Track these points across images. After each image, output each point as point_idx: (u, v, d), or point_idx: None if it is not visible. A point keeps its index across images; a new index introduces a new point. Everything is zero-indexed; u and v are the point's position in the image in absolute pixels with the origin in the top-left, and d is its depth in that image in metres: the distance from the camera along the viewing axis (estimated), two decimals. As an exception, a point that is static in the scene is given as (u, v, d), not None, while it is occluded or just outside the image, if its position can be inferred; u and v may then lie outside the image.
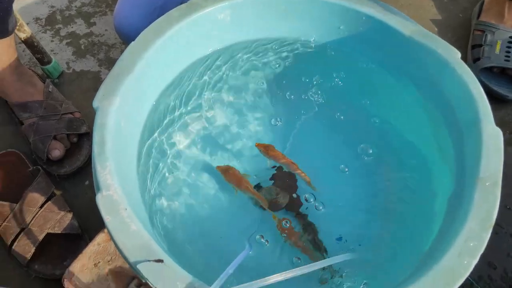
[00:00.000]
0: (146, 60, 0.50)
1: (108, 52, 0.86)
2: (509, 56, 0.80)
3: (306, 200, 0.60)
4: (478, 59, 0.82)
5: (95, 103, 0.45)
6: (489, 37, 0.83)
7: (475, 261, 0.40)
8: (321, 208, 0.59)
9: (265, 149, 0.59)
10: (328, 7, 0.57)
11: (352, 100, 0.64)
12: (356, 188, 0.61)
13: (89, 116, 0.75)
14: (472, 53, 0.84)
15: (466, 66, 0.50)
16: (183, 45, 0.55)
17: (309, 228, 0.58)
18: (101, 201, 0.40)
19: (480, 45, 0.83)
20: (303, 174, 0.58)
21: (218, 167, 0.59)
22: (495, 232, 0.70)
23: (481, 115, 0.47)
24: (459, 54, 0.51)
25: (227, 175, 0.58)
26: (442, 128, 0.53)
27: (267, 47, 0.62)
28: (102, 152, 0.42)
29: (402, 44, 0.54)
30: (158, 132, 0.56)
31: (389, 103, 0.61)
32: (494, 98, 0.81)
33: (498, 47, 0.81)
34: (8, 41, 0.64)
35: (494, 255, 0.68)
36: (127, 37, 0.72)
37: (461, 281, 0.38)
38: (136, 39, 0.51)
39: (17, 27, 0.69)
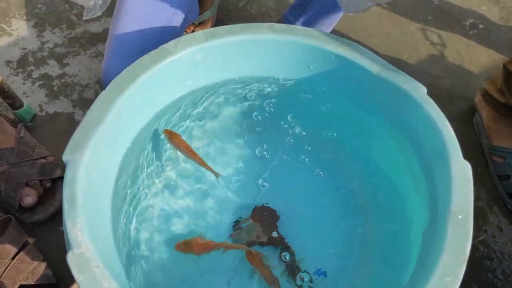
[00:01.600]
0: (117, 109, 0.50)
1: (82, 92, 0.85)
2: None
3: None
4: None
5: (65, 157, 0.45)
6: None
7: (452, 297, 0.40)
8: (300, 242, 0.59)
9: (170, 136, 0.58)
10: (298, 47, 0.58)
11: (327, 134, 0.65)
12: (334, 221, 0.62)
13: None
14: (503, 185, 0.78)
15: (432, 101, 0.52)
16: (155, 90, 0.55)
17: (291, 265, 0.58)
18: (72, 259, 0.39)
19: (508, 176, 0.78)
20: (209, 169, 0.59)
21: (176, 246, 0.56)
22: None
23: (449, 150, 0.48)
24: (425, 90, 0.53)
25: (191, 248, 0.56)
26: (413, 161, 0.54)
27: (238, 88, 0.62)
28: (72, 208, 0.41)
29: (371, 81, 0.56)
30: (131, 180, 0.55)
31: (363, 135, 0.62)
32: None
33: None
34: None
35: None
36: None
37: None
38: (107, 88, 0.51)
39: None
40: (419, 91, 0.53)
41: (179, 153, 0.62)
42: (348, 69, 0.57)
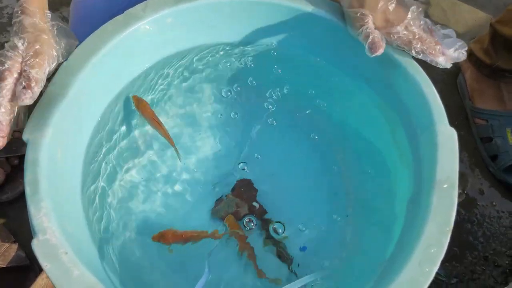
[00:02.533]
0: (81, 81, 0.46)
1: (47, 61, 0.79)
2: None
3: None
4: (496, 156, 0.74)
5: (25, 136, 0.41)
6: (495, 126, 0.76)
7: (435, 268, 0.40)
8: (281, 215, 0.58)
9: (137, 103, 0.54)
10: (277, 9, 0.54)
11: (310, 102, 0.63)
12: (316, 189, 0.60)
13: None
14: (485, 147, 0.77)
15: (417, 65, 0.49)
16: (122, 59, 0.51)
17: (272, 238, 0.57)
18: (37, 247, 0.36)
19: (490, 138, 0.76)
20: (172, 144, 0.55)
21: (153, 238, 0.53)
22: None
23: (435, 116, 0.46)
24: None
25: (165, 239, 0.52)
26: (399, 128, 0.52)
27: (212, 54, 0.58)
28: (35, 192, 0.38)
29: (355, 45, 0.53)
30: (102, 158, 0.52)
31: (346, 103, 0.60)
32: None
33: (509, 136, 0.74)
34: None
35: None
36: None
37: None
38: (69, 58, 0.46)
39: None
40: (404, 54, 0.50)
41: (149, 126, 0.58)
42: (331, 32, 0.54)
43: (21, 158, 0.66)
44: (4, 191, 0.64)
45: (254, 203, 0.59)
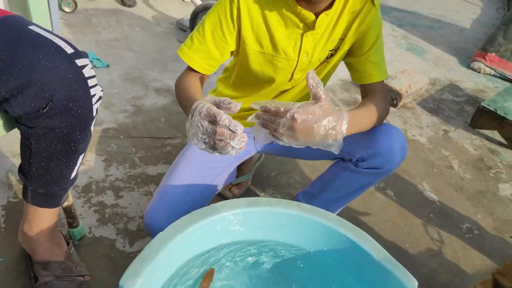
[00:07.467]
0: (168, 249, 0.63)
1: (127, 223, 1.00)
2: None
3: None
4: None
5: (121, 282, 0.56)
6: None
7: None
8: None
9: (207, 276, 0.67)
10: (318, 226, 0.73)
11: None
12: None
13: (97, 279, 0.84)
14: None
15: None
16: (200, 237, 0.69)
17: None
18: None
19: None
20: None
21: None
22: None
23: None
24: (416, 283, 0.64)
25: None
26: None
27: (265, 248, 0.75)
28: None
29: (372, 265, 0.68)
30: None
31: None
32: None
33: None
34: (56, 210, 0.78)
35: None
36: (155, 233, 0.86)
37: None
38: (164, 231, 0.65)
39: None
40: (411, 283, 0.65)
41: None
42: (356, 252, 0.70)
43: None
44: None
45: None
